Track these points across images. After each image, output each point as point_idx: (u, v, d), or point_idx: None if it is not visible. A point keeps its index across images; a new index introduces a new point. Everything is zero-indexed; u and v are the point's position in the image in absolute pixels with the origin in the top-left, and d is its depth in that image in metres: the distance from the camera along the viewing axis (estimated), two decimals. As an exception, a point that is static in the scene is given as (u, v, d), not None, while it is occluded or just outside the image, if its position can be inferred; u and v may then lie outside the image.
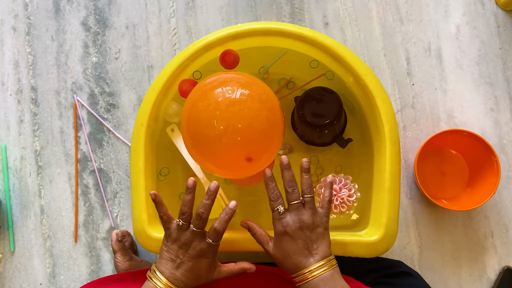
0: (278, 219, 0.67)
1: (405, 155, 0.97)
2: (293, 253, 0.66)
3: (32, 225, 0.97)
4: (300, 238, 0.66)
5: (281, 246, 0.67)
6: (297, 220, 0.66)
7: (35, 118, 1.00)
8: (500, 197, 0.96)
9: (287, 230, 0.66)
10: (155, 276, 0.67)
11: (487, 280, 0.94)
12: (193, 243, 0.67)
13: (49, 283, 0.96)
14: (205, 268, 0.68)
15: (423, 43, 1.00)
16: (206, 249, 0.67)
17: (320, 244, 0.67)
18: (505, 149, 0.97)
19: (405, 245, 0.95)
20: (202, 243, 0.67)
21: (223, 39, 0.81)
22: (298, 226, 0.66)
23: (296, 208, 0.67)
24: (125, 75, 1.01)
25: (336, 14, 1.01)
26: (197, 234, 0.67)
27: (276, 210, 0.68)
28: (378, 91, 0.80)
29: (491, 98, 0.98)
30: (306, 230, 0.66)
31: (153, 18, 1.02)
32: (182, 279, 0.67)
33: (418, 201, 0.96)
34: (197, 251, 0.67)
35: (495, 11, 1.01)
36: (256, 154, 0.69)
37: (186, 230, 0.67)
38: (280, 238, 0.67)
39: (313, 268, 0.65)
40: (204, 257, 0.67)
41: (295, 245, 0.66)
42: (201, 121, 0.68)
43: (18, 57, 1.02)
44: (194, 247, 0.67)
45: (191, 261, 0.67)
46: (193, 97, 0.71)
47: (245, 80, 0.70)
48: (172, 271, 0.67)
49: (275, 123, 0.70)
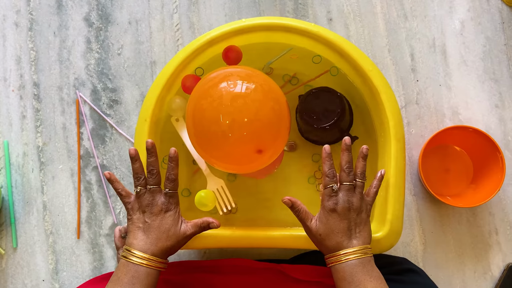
0: (330, 196, 0.68)
1: (409, 152, 0.96)
2: (338, 231, 0.67)
3: (35, 221, 0.97)
4: (347, 218, 0.67)
5: (327, 222, 0.68)
6: (347, 200, 0.68)
7: (38, 114, 1.00)
8: (504, 194, 0.95)
9: (337, 208, 0.67)
10: (127, 253, 0.67)
11: (491, 277, 0.94)
12: (153, 201, 0.69)
13: (52, 279, 0.96)
14: (171, 221, 0.69)
15: (428, 39, 0.99)
16: (167, 201, 0.69)
17: (363, 229, 0.68)
18: (510, 146, 0.97)
19: (409, 242, 0.95)
20: (161, 197, 0.69)
21: (227, 34, 0.81)
22: (347, 206, 0.67)
23: (348, 189, 0.68)
24: (127, 71, 1.01)
25: (340, 9, 1.01)
26: (154, 191, 0.69)
27: (330, 187, 0.68)
28: (383, 86, 0.79)
29: (496, 94, 0.98)
30: (353, 212, 0.68)
31: (156, 13, 1.02)
32: (152, 241, 0.67)
33: (422, 198, 0.96)
34: (159, 206, 0.69)
35: (499, 7, 1.00)
36: (266, 145, 0.69)
37: (144, 194, 0.69)
38: (328, 214, 0.68)
39: (351, 251, 0.66)
40: (167, 210, 0.69)
41: (341, 223, 0.67)
42: (207, 119, 0.67)
43: (20, 52, 1.02)
44: (155, 204, 0.69)
45: (156, 219, 0.68)
46: (195, 95, 0.70)
47: (245, 73, 0.70)
48: (141, 238, 0.68)
49: (281, 112, 0.69)
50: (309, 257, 0.88)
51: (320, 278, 0.79)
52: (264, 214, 0.88)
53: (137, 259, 0.66)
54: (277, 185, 0.89)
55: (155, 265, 0.67)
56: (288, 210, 0.86)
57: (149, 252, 0.67)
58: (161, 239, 0.68)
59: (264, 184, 0.89)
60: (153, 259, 0.66)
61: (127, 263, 0.66)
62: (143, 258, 0.66)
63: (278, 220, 0.87)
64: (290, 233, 0.78)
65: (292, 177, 0.89)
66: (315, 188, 0.89)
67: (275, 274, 0.81)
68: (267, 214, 0.88)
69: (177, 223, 0.69)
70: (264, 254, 0.93)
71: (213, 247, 0.79)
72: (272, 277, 0.81)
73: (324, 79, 0.88)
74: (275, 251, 0.93)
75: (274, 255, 0.93)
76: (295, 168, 0.90)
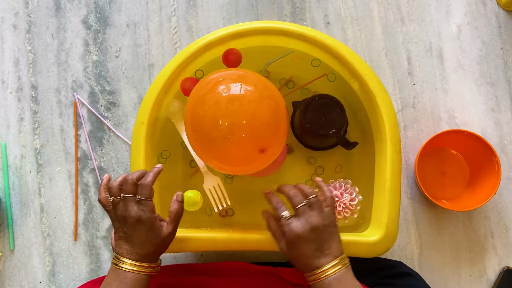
0: (287, 225, 0.66)
1: (406, 155, 0.97)
2: (306, 256, 0.65)
3: (32, 223, 0.97)
4: (312, 240, 0.65)
5: (293, 250, 0.66)
6: (306, 222, 0.65)
7: (35, 116, 1.00)
8: (500, 197, 0.96)
9: (298, 234, 0.65)
10: (116, 261, 0.66)
11: (487, 280, 0.94)
12: (127, 211, 0.66)
13: (49, 281, 0.96)
14: (148, 228, 0.66)
15: (424, 43, 1.00)
16: (142, 210, 0.66)
17: (332, 243, 0.66)
18: (505, 150, 0.97)
19: (405, 245, 0.95)
20: (134, 205, 0.66)
21: (224, 38, 0.81)
22: (308, 228, 0.65)
23: (303, 211, 0.66)
24: (125, 73, 1.01)
25: (337, 13, 1.01)
26: (128, 200, 0.66)
27: (282, 217, 0.66)
28: (379, 90, 0.79)
29: (492, 98, 0.98)
30: (316, 231, 0.65)
31: (154, 16, 1.02)
32: (136, 250, 0.66)
33: (418, 201, 0.96)
34: (134, 216, 0.65)
35: (496, 12, 1.01)
36: (267, 143, 0.69)
37: (118, 203, 0.67)
38: (292, 242, 0.66)
39: (326, 268, 0.64)
40: (143, 219, 0.66)
41: (307, 247, 0.65)
42: (206, 126, 0.68)
43: (18, 55, 1.02)
44: (129, 214, 0.65)
45: (135, 230, 0.66)
46: (191, 104, 0.70)
47: (237, 74, 0.70)
48: (125, 248, 0.66)
49: (278, 109, 0.70)
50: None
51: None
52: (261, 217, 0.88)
53: (126, 266, 0.65)
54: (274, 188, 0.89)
55: (146, 270, 0.66)
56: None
57: (136, 259, 0.66)
58: (146, 246, 0.66)
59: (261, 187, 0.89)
60: (143, 265, 0.66)
61: (117, 269, 0.65)
62: (132, 265, 0.65)
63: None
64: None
65: (289, 180, 0.89)
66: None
67: (271, 277, 0.81)
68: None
69: (155, 228, 0.67)
70: (261, 257, 0.93)
71: (210, 250, 0.79)
72: (268, 280, 0.81)
73: (321, 83, 0.88)
74: (272, 254, 0.94)
75: (271, 258, 0.93)
76: (292, 171, 0.90)
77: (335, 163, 0.90)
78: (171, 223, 0.69)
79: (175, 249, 0.79)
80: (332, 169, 0.90)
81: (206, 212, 0.89)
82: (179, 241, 0.77)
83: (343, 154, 0.89)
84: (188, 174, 0.89)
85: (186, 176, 0.89)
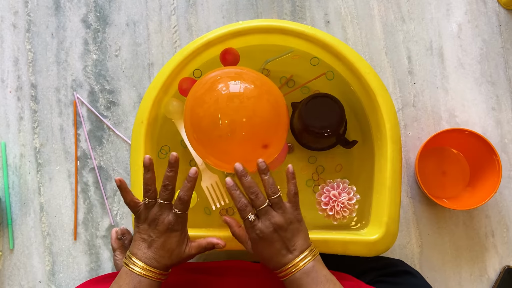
0: (251, 227, 0.66)
1: (406, 154, 0.97)
2: (272, 256, 0.66)
3: (32, 222, 0.97)
4: (276, 240, 0.66)
5: (259, 251, 0.67)
6: (269, 224, 0.65)
7: (35, 116, 1.00)
8: (501, 196, 0.95)
9: (261, 236, 0.66)
10: (130, 262, 0.66)
11: (488, 279, 0.94)
12: (161, 217, 0.66)
13: (49, 280, 0.96)
14: (176, 241, 0.67)
15: (425, 42, 1.00)
16: (175, 221, 0.66)
17: (297, 239, 0.66)
18: (506, 148, 0.97)
19: (406, 244, 0.95)
20: (169, 215, 0.66)
21: (224, 36, 0.81)
22: (271, 229, 0.65)
23: (266, 213, 0.66)
24: (125, 72, 1.01)
25: (337, 12, 1.01)
26: (164, 207, 0.66)
27: (246, 219, 0.66)
28: (380, 89, 0.79)
29: (493, 97, 0.98)
30: (280, 231, 0.66)
31: (153, 15, 1.02)
32: (155, 257, 0.66)
33: (418, 200, 0.96)
34: (166, 225, 0.66)
35: (497, 10, 1.01)
36: (269, 138, 0.69)
37: (153, 206, 0.67)
38: (256, 244, 0.67)
39: (294, 263, 0.65)
40: (173, 230, 0.67)
41: (272, 248, 0.66)
42: (207, 126, 0.67)
43: (18, 54, 1.02)
44: (162, 221, 0.66)
45: (161, 237, 0.66)
46: (190, 104, 0.70)
47: (234, 72, 0.70)
48: (144, 251, 0.66)
49: (277, 103, 0.69)
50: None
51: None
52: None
53: (139, 269, 0.65)
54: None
55: (157, 277, 0.66)
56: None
57: (151, 265, 0.66)
58: (164, 257, 0.67)
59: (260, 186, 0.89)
60: (156, 272, 0.66)
61: (130, 272, 0.65)
62: (145, 269, 0.65)
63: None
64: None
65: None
66: (312, 190, 0.89)
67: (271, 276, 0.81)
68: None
69: (181, 244, 0.68)
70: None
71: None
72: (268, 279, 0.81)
73: (321, 82, 0.88)
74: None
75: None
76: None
77: (335, 162, 0.89)
78: (198, 248, 0.69)
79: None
80: (333, 168, 0.89)
81: (205, 212, 0.88)
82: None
83: (343, 154, 0.89)
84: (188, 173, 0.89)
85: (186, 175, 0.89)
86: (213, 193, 0.84)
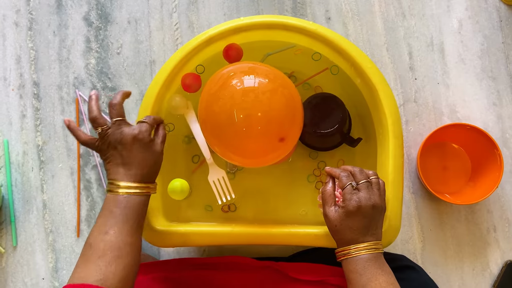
0: (351, 193, 0.66)
1: (408, 150, 0.97)
2: (356, 228, 0.66)
3: (35, 220, 0.97)
4: (369, 217, 0.66)
5: (347, 220, 0.66)
6: (369, 198, 0.66)
7: (37, 113, 1.00)
8: (503, 191, 0.96)
9: (361, 205, 0.65)
10: (114, 187, 0.64)
11: (490, 274, 0.94)
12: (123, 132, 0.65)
13: (52, 277, 0.96)
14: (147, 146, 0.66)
15: (426, 38, 1.00)
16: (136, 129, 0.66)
17: (379, 226, 0.67)
18: (507, 143, 0.97)
19: (408, 239, 0.95)
20: (125, 126, 0.66)
21: (225, 32, 0.81)
22: (371, 204, 0.66)
23: (367, 187, 0.67)
24: (127, 70, 1.01)
25: (338, 8, 1.01)
26: (120, 123, 0.66)
27: (349, 185, 0.66)
28: (381, 84, 0.79)
29: (494, 92, 0.98)
30: (375, 209, 0.66)
31: (155, 13, 1.02)
32: (136, 171, 0.65)
33: (420, 196, 0.96)
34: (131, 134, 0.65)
35: (497, 6, 1.01)
36: (286, 131, 0.69)
37: (107, 130, 0.66)
38: (350, 212, 0.66)
39: (361, 247, 0.65)
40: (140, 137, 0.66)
41: (361, 222, 0.66)
42: (223, 122, 0.68)
43: (20, 52, 1.02)
44: (125, 135, 0.65)
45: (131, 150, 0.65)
46: (205, 101, 0.70)
47: (247, 67, 0.70)
48: (123, 172, 0.65)
49: (292, 96, 0.70)
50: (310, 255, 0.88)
51: (322, 277, 0.79)
52: (263, 212, 0.88)
53: (125, 189, 0.64)
54: (276, 183, 0.89)
55: (145, 190, 0.65)
56: (288, 209, 0.86)
57: (137, 180, 0.65)
58: (143, 165, 0.66)
59: (263, 183, 0.89)
60: (142, 186, 0.65)
61: (116, 196, 0.64)
62: (131, 187, 0.64)
63: (278, 218, 0.87)
64: (290, 230, 0.78)
65: (291, 176, 0.89)
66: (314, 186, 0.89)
67: (272, 273, 0.81)
68: (266, 212, 0.88)
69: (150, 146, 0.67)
70: (264, 252, 0.93)
71: (213, 244, 0.79)
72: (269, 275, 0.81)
73: (323, 78, 0.88)
74: (275, 250, 0.94)
75: (273, 253, 0.93)
76: (294, 166, 0.90)
77: (337, 158, 0.90)
78: (161, 143, 0.69)
79: (177, 244, 0.79)
80: (334, 164, 0.89)
81: (206, 209, 0.89)
82: (181, 235, 0.78)
83: (345, 149, 0.89)
84: (190, 170, 0.89)
85: (189, 172, 0.89)
86: (219, 187, 0.84)
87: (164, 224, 0.79)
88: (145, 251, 0.95)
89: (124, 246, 0.61)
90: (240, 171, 0.89)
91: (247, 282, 0.80)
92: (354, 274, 0.65)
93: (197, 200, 0.87)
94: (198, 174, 0.88)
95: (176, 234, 0.78)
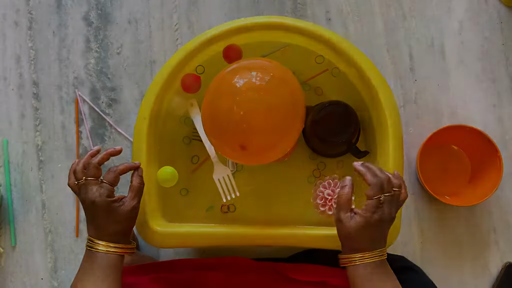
0: (376, 206, 0.64)
1: (408, 151, 0.97)
2: (369, 238, 0.64)
3: (34, 219, 0.97)
4: (384, 229, 0.65)
5: (364, 229, 0.64)
6: (390, 213, 0.64)
7: (37, 113, 1.00)
8: (502, 193, 0.96)
9: (382, 220, 0.64)
10: (91, 244, 0.66)
11: (490, 276, 0.94)
12: (86, 194, 0.66)
13: (51, 277, 0.96)
14: (108, 210, 0.66)
15: (426, 39, 1.00)
16: (98, 193, 0.66)
17: (387, 235, 0.67)
18: (507, 145, 0.97)
19: (408, 240, 0.95)
20: (94, 188, 0.66)
21: (226, 33, 0.81)
22: (389, 219, 0.65)
23: (390, 200, 0.65)
24: (127, 70, 1.01)
25: (339, 9, 1.01)
26: (89, 183, 0.67)
27: (377, 198, 0.64)
28: (382, 86, 0.79)
29: (494, 94, 0.98)
30: (389, 223, 0.65)
31: (155, 13, 1.02)
32: (104, 232, 0.66)
33: (420, 197, 0.96)
34: (90, 198, 0.66)
35: (498, 7, 1.01)
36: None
37: (80, 187, 0.67)
38: (370, 224, 0.64)
39: (367, 255, 0.64)
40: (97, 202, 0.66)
41: (377, 233, 0.65)
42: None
43: (19, 51, 1.02)
44: (87, 197, 0.66)
45: (94, 212, 0.66)
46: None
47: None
48: (94, 231, 0.67)
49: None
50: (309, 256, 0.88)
51: (322, 277, 0.79)
52: (263, 213, 0.88)
53: (100, 247, 0.66)
54: (276, 184, 0.89)
55: (118, 251, 0.67)
56: (288, 209, 0.86)
57: (108, 240, 0.66)
58: (109, 227, 0.67)
59: (262, 183, 0.89)
60: (116, 246, 0.66)
61: (91, 253, 0.66)
62: (105, 246, 0.66)
63: (277, 219, 0.87)
64: (289, 231, 0.78)
65: (291, 176, 0.89)
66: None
67: (272, 274, 0.81)
68: (266, 213, 0.88)
69: (112, 209, 0.67)
70: (263, 253, 0.93)
71: (213, 245, 0.79)
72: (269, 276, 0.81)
73: (323, 79, 0.88)
74: (274, 251, 0.94)
75: (272, 254, 0.93)
76: (294, 167, 0.90)
77: (336, 159, 0.90)
78: (134, 198, 0.69)
79: (176, 244, 0.79)
80: (334, 165, 0.89)
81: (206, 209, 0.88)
82: (180, 236, 0.77)
83: (345, 150, 0.89)
84: (190, 170, 0.89)
85: (188, 172, 0.89)
86: (224, 186, 0.84)
87: (163, 225, 0.79)
88: (145, 252, 0.95)
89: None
90: (239, 172, 0.89)
91: (246, 283, 0.80)
92: (361, 279, 0.64)
93: (197, 201, 0.87)
94: (198, 175, 0.88)
95: (175, 234, 0.78)
